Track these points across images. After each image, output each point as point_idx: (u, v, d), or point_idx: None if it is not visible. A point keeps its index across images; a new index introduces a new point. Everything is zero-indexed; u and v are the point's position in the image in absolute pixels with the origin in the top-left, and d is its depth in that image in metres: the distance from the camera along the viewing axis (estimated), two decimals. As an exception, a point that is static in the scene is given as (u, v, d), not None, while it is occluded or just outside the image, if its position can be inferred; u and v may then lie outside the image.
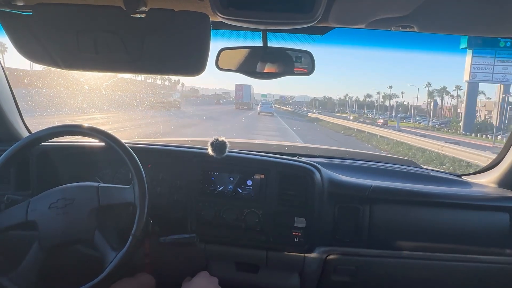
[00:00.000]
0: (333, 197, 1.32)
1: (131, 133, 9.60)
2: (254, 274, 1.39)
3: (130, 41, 0.84)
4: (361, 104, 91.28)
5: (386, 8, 0.89)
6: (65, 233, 1.00)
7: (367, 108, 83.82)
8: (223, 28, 1.16)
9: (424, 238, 1.32)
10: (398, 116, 44.04)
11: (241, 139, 2.10)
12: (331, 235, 1.33)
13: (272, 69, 1.16)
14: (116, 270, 0.96)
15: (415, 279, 1.38)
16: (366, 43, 1.37)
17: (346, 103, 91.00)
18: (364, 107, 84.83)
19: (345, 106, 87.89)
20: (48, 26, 0.82)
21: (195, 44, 0.85)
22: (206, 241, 1.34)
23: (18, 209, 1.01)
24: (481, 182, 1.53)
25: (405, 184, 1.38)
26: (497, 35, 1.14)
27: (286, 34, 1.19)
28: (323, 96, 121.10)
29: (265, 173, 1.32)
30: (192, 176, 1.34)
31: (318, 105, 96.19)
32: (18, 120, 1.54)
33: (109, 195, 1.04)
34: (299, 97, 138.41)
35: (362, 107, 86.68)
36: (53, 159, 1.36)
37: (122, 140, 1.09)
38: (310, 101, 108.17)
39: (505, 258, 1.32)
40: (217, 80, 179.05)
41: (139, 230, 0.99)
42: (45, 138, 1.08)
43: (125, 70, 0.94)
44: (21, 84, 10.78)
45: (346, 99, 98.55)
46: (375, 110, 74.45)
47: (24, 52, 0.87)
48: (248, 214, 1.30)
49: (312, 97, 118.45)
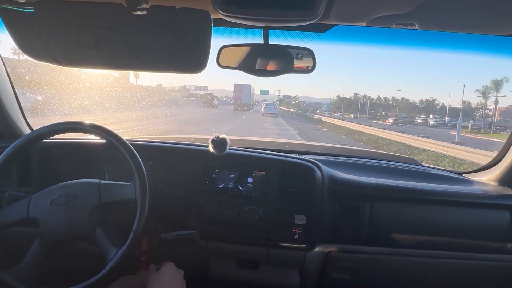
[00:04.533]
0: (334, 195, 1.33)
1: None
2: (255, 271, 1.40)
3: (131, 38, 0.84)
4: (388, 106, 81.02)
5: (387, 6, 0.88)
6: (66, 229, 1.00)
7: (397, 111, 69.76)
8: (224, 26, 1.15)
9: (425, 236, 1.33)
10: (460, 122, 26.99)
11: (241, 137, 2.11)
12: (332, 232, 1.33)
13: (273, 67, 1.16)
14: (117, 266, 0.97)
15: (415, 277, 1.38)
16: (369, 40, 1.37)
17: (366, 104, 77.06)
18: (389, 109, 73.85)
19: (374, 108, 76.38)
20: (49, 23, 0.82)
21: (196, 41, 0.85)
22: (206, 238, 1.34)
23: (20, 206, 1.02)
24: (481, 180, 1.53)
25: (406, 182, 1.38)
26: (500, 33, 1.14)
27: (287, 32, 1.18)
28: (336, 95, 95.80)
29: (266, 171, 1.32)
30: (193, 173, 1.34)
31: (344, 107, 77.83)
32: (19, 117, 1.54)
33: (110, 192, 1.04)
34: (304, 98, 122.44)
35: (387, 108, 77.14)
36: (54, 156, 1.36)
37: (124, 137, 1.09)
38: (335, 101, 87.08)
39: (505, 255, 1.32)
40: (213, 79, 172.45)
41: (140, 227, 1.00)
42: (46, 135, 1.09)
43: (126, 67, 0.94)
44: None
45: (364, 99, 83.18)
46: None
47: (26, 49, 0.88)
48: (248, 211, 1.30)
49: (336, 97, 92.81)
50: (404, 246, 1.32)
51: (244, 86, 36.89)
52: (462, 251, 1.32)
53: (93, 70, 0.93)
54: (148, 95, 29.04)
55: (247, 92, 37.24)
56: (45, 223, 0.99)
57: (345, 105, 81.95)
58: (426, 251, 1.32)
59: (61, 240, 1.01)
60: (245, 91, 36.98)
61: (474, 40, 1.24)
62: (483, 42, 1.27)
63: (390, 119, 42.71)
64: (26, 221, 1.01)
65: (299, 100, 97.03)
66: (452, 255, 1.32)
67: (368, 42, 1.40)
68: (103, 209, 1.03)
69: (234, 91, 39.08)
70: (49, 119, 9.34)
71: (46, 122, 1.15)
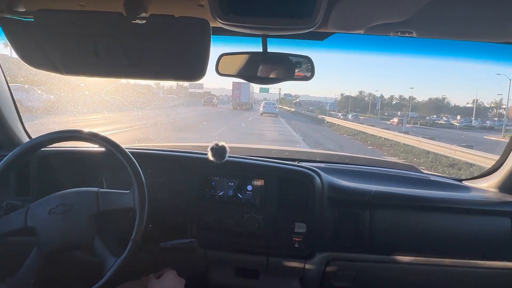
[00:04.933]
0: (334, 202, 1.32)
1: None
2: (255, 280, 1.38)
3: (131, 47, 0.84)
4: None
5: (385, 14, 0.89)
6: (64, 238, 0.99)
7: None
8: (223, 34, 1.16)
9: (425, 243, 1.32)
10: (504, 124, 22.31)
11: (241, 144, 2.10)
12: (332, 240, 1.32)
13: (272, 74, 1.17)
14: (116, 276, 0.96)
15: (416, 285, 1.37)
16: (367, 48, 1.38)
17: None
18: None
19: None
20: (49, 32, 0.83)
21: (195, 49, 0.85)
22: (206, 246, 1.33)
23: (17, 215, 1.01)
24: (481, 186, 1.53)
25: (406, 189, 1.38)
26: (496, 40, 1.15)
27: (286, 40, 1.19)
28: (340, 94, 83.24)
29: (265, 178, 1.32)
30: (192, 181, 1.34)
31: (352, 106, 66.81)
32: (18, 125, 1.54)
33: (109, 201, 1.04)
34: (304, 97, 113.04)
35: (398, 108, 67.91)
36: (53, 165, 1.36)
37: (122, 145, 1.09)
38: (340, 100, 75.38)
39: (506, 263, 1.31)
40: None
41: (138, 236, 0.99)
42: (45, 144, 1.08)
43: (125, 76, 0.95)
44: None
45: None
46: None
47: (26, 58, 0.88)
48: (248, 219, 1.30)
49: (340, 96, 79.73)
50: (405, 253, 1.31)
51: (242, 84, 33.49)
52: (462, 258, 1.31)
53: (92, 78, 0.93)
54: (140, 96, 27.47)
55: (246, 91, 34.55)
56: (43, 232, 0.98)
57: (351, 105, 71.02)
58: (427, 259, 1.31)
59: (59, 249, 1.00)
60: (244, 90, 34.39)
61: (471, 47, 1.25)
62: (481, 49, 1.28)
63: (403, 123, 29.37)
64: (24, 230, 1.00)
65: (299, 99, 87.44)
66: (453, 263, 1.31)
67: (366, 49, 1.41)
68: (101, 217, 1.02)
69: (233, 89, 36.49)
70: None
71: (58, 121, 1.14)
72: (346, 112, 52.02)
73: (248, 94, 35.10)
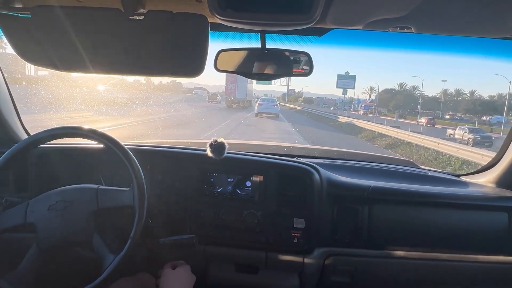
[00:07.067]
0: (332, 198, 1.32)
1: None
2: (254, 275, 1.39)
3: (129, 43, 0.84)
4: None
5: (384, 9, 0.89)
6: (63, 235, 0.99)
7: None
8: (221, 30, 1.16)
9: (423, 238, 1.33)
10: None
11: (240, 140, 2.10)
12: (330, 235, 1.33)
13: (271, 70, 1.16)
14: (114, 273, 0.96)
15: (414, 279, 1.38)
16: (366, 43, 1.37)
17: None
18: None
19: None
20: (46, 28, 0.83)
21: (193, 45, 0.85)
22: (205, 242, 1.34)
23: (17, 211, 1.01)
24: (479, 182, 1.53)
25: (404, 185, 1.38)
26: (495, 36, 1.15)
27: (284, 36, 1.19)
28: (368, 87, 67.62)
29: (264, 174, 1.32)
30: (191, 177, 1.34)
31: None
32: (16, 122, 1.53)
33: (108, 198, 1.04)
34: (305, 93, 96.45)
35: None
36: (52, 161, 1.36)
37: (121, 142, 1.09)
38: (380, 95, 56.35)
39: (504, 257, 1.32)
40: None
41: (137, 233, 0.99)
42: (44, 140, 1.08)
43: (123, 72, 0.94)
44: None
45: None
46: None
47: (23, 55, 0.88)
48: (247, 215, 1.30)
49: (368, 89, 65.74)
50: (403, 248, 1.32)
51: (238, 77, 23.81)
52: (460, 253, 1.32)
53: (90, 74, 0.93)
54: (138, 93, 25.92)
55: (243, 85, 27.98)
56: (42, 229, 0.98)
57: (401, 102, 52.70)
58: (425, 254, 1.32)
59: (58, 246, 1.00)
60: (240, 84, 27.79)
61: (470, 42, 1.25)
62: (480, 45, 1.28)
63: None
64: (23, 227, 1.00)
65: (304, 96, 76.16)
66: (451, 258, 1.32)
67: (365, 45, 1.41)
68: (100, 214, 1.02)
69: (226, 84, 29.00)
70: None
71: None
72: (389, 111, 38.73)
73: (246, 90, 29.03)
